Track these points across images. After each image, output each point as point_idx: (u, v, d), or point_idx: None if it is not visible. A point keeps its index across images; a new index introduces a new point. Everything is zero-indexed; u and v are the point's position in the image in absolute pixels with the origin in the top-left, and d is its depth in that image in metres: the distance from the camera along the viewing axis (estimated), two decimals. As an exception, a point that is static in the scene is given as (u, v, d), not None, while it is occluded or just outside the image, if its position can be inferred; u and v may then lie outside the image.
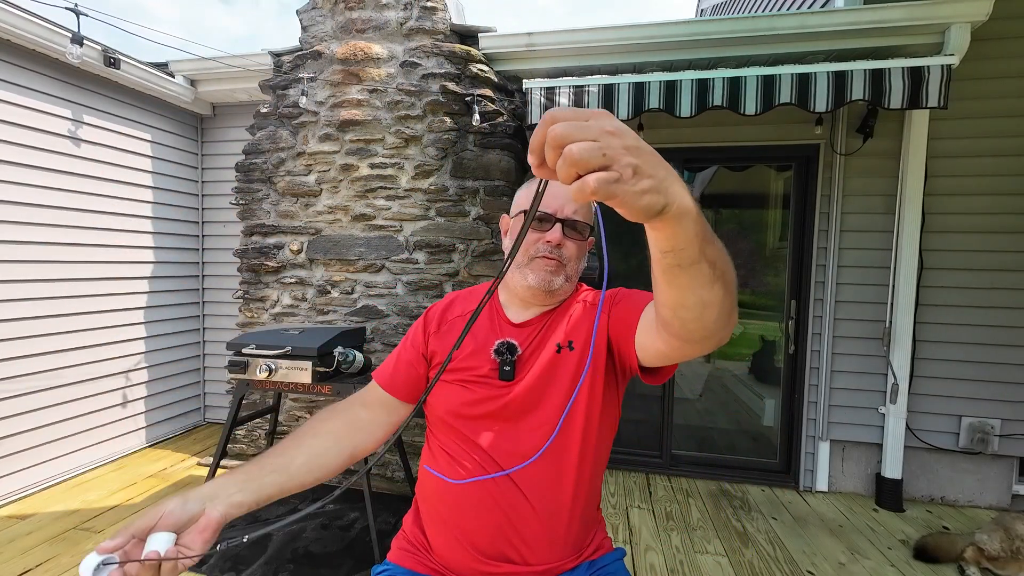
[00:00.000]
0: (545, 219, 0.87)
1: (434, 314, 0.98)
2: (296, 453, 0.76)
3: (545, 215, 0.87)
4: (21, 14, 2.28)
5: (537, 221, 0.88)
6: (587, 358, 0.86)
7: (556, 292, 0.90)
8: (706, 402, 3.24)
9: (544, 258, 0.87)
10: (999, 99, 2.46)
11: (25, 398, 2.44)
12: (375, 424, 0.89)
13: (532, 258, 0.88)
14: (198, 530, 0.59)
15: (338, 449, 0.81)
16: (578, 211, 0.89)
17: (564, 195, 0.88)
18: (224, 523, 0.62)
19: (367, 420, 0.89)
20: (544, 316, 0.92)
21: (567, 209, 0.88)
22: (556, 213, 0.87)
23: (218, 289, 3.46)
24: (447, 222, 2.57)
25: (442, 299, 1.02)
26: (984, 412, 2.52)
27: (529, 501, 0.82)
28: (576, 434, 0.84)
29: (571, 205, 0.88)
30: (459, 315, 0.96)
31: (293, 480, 0.73)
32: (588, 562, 0.89)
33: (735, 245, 3.14)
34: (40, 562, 1.91)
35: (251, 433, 2.88)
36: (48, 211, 2.53)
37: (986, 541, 1.91)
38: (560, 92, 2.31)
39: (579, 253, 0.90)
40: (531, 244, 0.88)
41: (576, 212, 0.88)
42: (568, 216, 0.87)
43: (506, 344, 0.88)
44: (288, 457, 0.75)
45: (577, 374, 0.85)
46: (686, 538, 2.21)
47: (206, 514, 0.61)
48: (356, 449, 0.84)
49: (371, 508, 1.94)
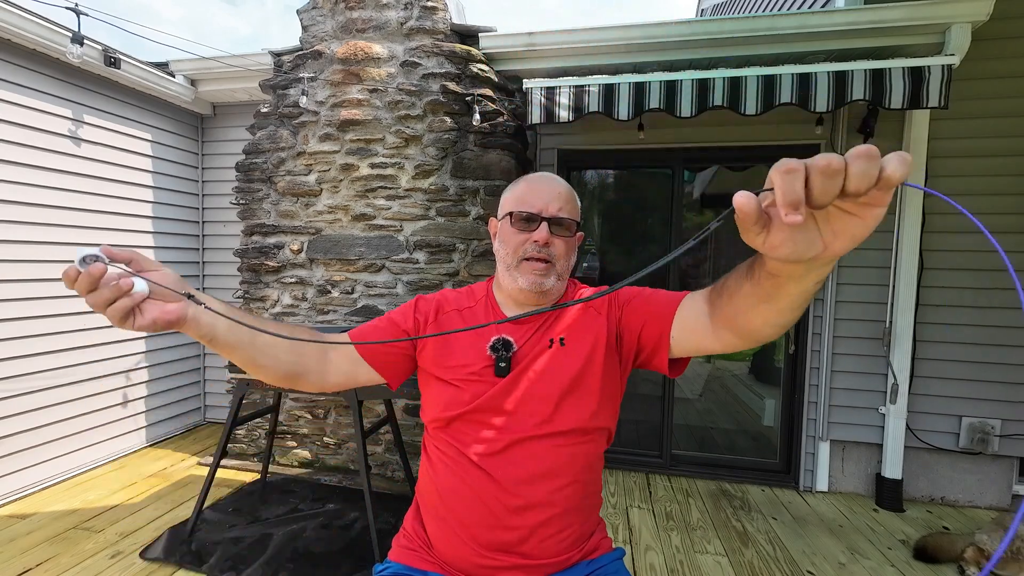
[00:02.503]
0: (531, 219, 0.87)
1: (428, 307, 0.96)
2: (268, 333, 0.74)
3: (530, 215, 0.87)
4: (22, 14, 2.28)
5: (523, 221, 0.87)
6: (584, 353, 0.86)
7: (548, 292, 0.90)
8: (706, 402, 3.24)
9: (532, 260, 0.87)
10: (1000, 99, 2.45)
11: (25, 398, 2.44)
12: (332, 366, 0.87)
13: (521, 260, 0.88)
14: (166, 307, 0.62)
15: (291, 354, 0.79)
16: (563, 208, 0.88)
17: (548, 193, 0.88)
18: (184, 320, 0.63)
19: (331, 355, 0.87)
20: (543, 314, 0.92)
21: (552, 207, 0.87)
22: (541, 212, 0.87)
23: (218, 289, 3.46)
24: (447, 222, 2.57)
25: (432, 294, 1.00)
26: (984, 412, 2.52)
27: (525, 495, 0.82)
28: (571, 429, 0.84)
29: (556, 203, 0.88)
30: (454, 309, 0.96)
31: (253, 347, 0.73)
32: (586, 561, 0.89)
33: (735, 246, 3.15)
34: (40, 561, 1.91)
35: (251, 433, 2.88)
36: (48, 211, 2.54)
37: (986, 541, 1.91)
38: (560, 92, 2.31)
39: (568, 250, 0.90)
40: (519, 245, 0.88)
41: (561, 210, 0.88)
42: (554, 214, 0.87)
43: (501, 340, 0.88)
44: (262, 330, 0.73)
45: (572, 369, 0.85)
46: (686, 538, 2.21)
47: (181, 303, 0.63)
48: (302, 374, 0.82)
49: (371, 508, 1.94)
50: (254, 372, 0.77)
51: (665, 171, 2.95)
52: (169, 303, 0.62)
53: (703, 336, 0.75)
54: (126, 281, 0.58)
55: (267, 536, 2.11)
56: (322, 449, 2.78)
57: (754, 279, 0.57)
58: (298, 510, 2.34)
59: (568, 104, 2.31)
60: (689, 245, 0.47)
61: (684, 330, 0.79)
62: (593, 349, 0.87)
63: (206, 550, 1.99)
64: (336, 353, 0.88)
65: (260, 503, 2.39)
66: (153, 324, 0.60)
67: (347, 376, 0.89)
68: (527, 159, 2.87)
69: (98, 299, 0.57)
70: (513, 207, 0.90)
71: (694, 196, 3.14)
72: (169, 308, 0.62)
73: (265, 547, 2.03)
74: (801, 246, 0.44)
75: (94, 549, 2.00)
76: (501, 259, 0.92)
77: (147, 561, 1.92)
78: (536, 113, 2.33)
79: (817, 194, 0.39)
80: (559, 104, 2.31)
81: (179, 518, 2.24)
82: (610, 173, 3.17)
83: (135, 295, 0.59)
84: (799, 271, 0.49)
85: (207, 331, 0.67)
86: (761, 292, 0.57)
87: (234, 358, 0.73)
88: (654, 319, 0.84)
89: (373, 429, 2.18)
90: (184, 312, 0.63)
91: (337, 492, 2.52)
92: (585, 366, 0.86)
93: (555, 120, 2.31)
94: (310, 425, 2.77)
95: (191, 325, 0.65)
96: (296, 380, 0.82)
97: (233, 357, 0.73)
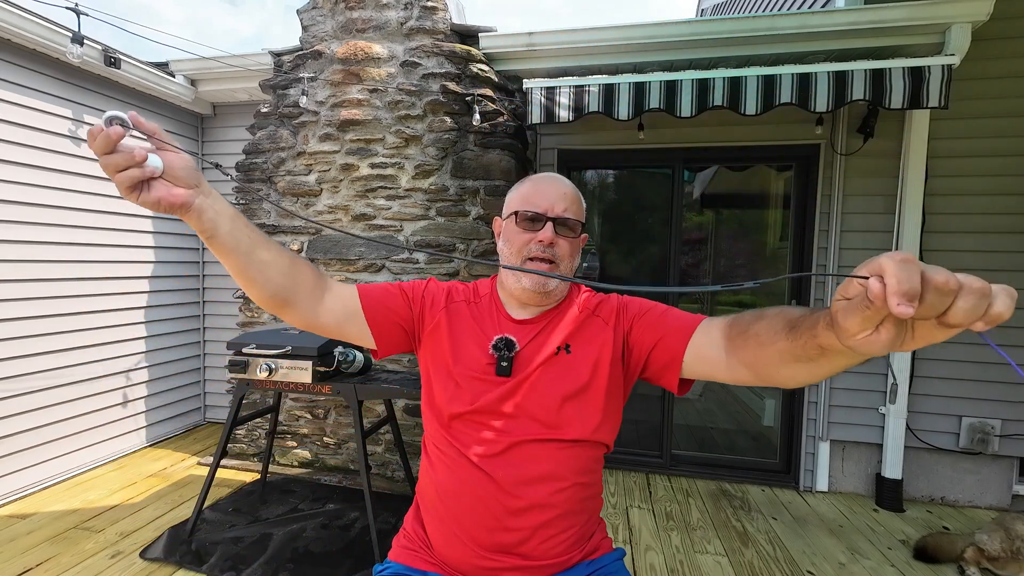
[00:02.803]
0: (536, 219, 0.87)
1: (439, 291, 0.96)
2: (269, 252, 0.75)
3: (535, 215, 0.87)
4: (22, 14, 2.28)
5: (528, 221, 0.87)
6: (591, 364, 0.86)
7: (552, 293, 0.90)
8: (706, 402, 3.24)
9: (537, 259, 0.87)
10: (1000, 99, 2.45)
11: (25, 398, 2.44)
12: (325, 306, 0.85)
13: (525, 259, 0.87)
14: (174, 190, 0.63)
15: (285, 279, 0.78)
16: (568, 209, 0.88)
17: (554, 193, 0.88)
18: (188, 208, 0.64)
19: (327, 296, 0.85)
20: (544, 316, 0.92)
21: (557, 207, 0.87)
22: (546, 212, 0.87)
23: (218, 289, 3.46)
24: (447, 222, 2.57)
25: (443, 282, 1.00)
26: (984, 412, 2.52)
27: (525, 496, 0.82)
28: (573, 440, 0.84)
29: (561, 203, 0.88)
30: (463, 300, 0.95)
31: (248, 258, 0.72)
32: (587, 561, 0.89)
33: (736, 245, 3.15)
34: (40, 561, 1.91)
35: (251, 433, 2.88)
36: (48, 211, 2.53)
37: (986, 541, 1.91)
38: (560, 92, 2.31)
39: (572, 251, 0.90)
40: (523, 245, 0.87)
41: (567, 210, 0.88)
42: (559, 215, 0.87)
43: (504, 340, 0.88)
44: (264, 247, 0.75)
45: (577, 380, 0.85)
46: (686, 538, 2.21)
47: (190, 191, 0.64)
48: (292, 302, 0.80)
49: (371, 508, 1.94)
50: (244, 284, 0.75)
51: (665, 171, 2.95)
52: (178, 188, 0.63)
53: (715, 366, 0.76)
54: (140, 152, 0.59)
55: (267, 536, 2.11)
56: (322, 449, 2.78)
57: (798, 342, 0.56)
58: (298, 510, 2.34)
59: (568, 104, 2.30)
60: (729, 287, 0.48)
61: (697, 357, 0.79)
62: (599, 360, 0.86)
63: (206, 550, 1.99)
64: (332, 296, 0.86)
65: (260, 503, 2.39)
66: (157, 203, 0.62)
67: (337, 322, 0.86)
68: (527, 159, 2.87)
69: (110, 162, 0.58)
70: (518, 206, 0.90)
71: (694, 196, 3.14)
72: (176, 192, 0.63)
73: (265, 547, 2.03)
74: (888, 345, 0.43)
75: (94, 549, 2.00)
76: (505, 258, 0.92)
77: (147, 561, 1.92)
78: (536, 113, 2.33)
79: (923, 309, 0.38)
80: (559, 104, 2.31)
81: (179, 518, 2.24)
82: (610, 173, 3.17)
83: (146, 168, 0.60)
84: (859, 356, 0.50)
85: (208, 227, 0.67)
86: (802, 355, 0.56)
87: (227, 263, 0.73)
88: (667, 340, 0.83)
89: (373, 429, 2.18)
90: (190, 200, 0.64)
91: (337, 492, 2.52)
92: (591, 378, 0.85)
93: (555, 120, 2.31)
94: (310, 425, 2.77)
95: (194, 215, 0.65)
96: (284, 306, 0.80)
97: (227, 262, 0.72)
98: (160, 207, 0.62)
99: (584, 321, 0.90)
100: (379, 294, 0.91)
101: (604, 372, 0.86)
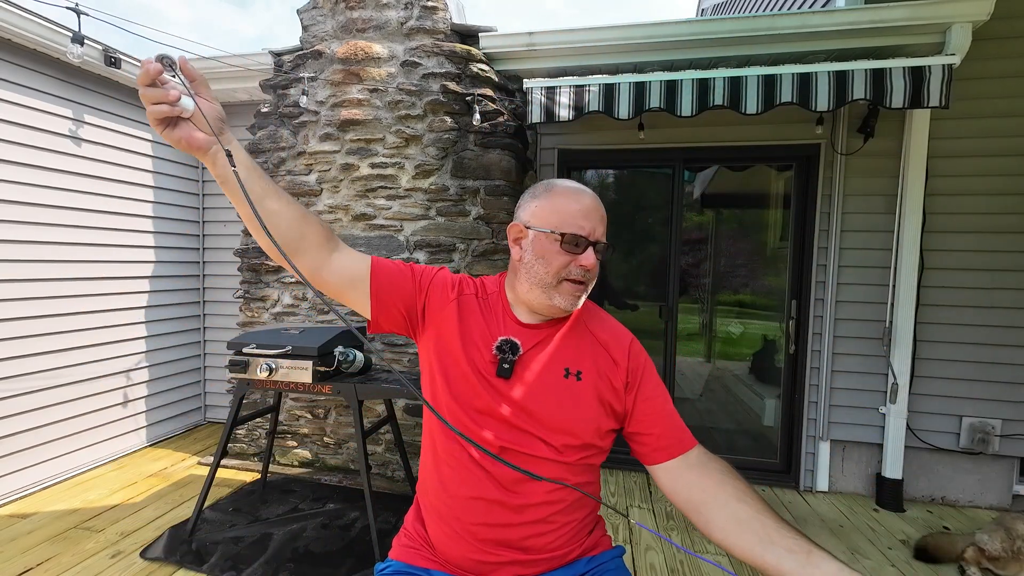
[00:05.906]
0: (579, 242, 0.85)
1: (445, 282, 0.95)
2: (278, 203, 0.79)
3: (579, 238, 0.84)
4: (22, 14, 2.28)
5: (571, 244, 0.84)
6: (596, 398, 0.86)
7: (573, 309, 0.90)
8: (706, 402, 3.24)
9: (574, 282, 0.86)
10: (1000, 99, 2.45)
11: (25, 398, 2.44)
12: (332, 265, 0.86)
13: (562, 280, 0.86)
14: (196, 132, 0.71)
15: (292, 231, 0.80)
16: (604, 232, 0.89)
17: (596, 215, 0.87)
18: (206, 151, 0.72)
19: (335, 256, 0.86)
20: (550, 324, 0.91)
21: (598, 231, 0.87)
22: (589, 236, 0.85)
23: (219, 288, 3.46)
24: (447, 222, 2.57)
25: (455, 274, 0.99)
26: (985, 412, 2.52)
27: (525, 493, 0.83)
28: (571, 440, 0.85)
29: (601, 226, 0.87)
30: (472, 294, 0.95)
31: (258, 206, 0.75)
32: (587, 558, 0.89)
33: (736, 245, 3.15)
34: (40, 561, 1.91)
35: (251, 432, 2.88)
36: (49, 211, 2.54)
37: (987, 541, 1.91)
38: (561, 91, 2.31)
39: (597, 271, 0.90)
40: (563, 267, 0.85)
41: (604, 234, 0.88)
42: (599, 239, 0.87)
43: (509, 343, 0.87)
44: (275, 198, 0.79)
45: (581, 403, 0.85)
46: (686, 538, 2.21)
47: (210, 138, 0.72)
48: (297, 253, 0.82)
49: (371, 507, 1.94)
50: (253, 230, 0.78)
51: (665, 171, 2.95)
52: (199, 132, 0.71)
53: (666, 491, 0.85)
54: (174, 92, 0.67)
55: (267, 536, 2.11)
56: (322, 449, 2.78)
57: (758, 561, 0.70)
58: (298, 510, 2.34)
59: (568, 104, 2.30)
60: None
61: (662, 470, 0.85)
62: (602, 398, 0.87)
63: (206, 550, 2.00)
64: (342, 257, 0.87)
65: (260, 503, 2.39)
66: (178, 141, 0.70)
67: (340, 284, 0.87)
68: (527, 159, 2.87)
69: (146, 95, 0.66)
70: (561, 227, 0.85)
71: (694, 196, 3.14)
72: (197, 135, 0.71)
73: (265, 547, 2.04)
74: None
75: (95, 549, 2.00)
76: (534, 274, 0.87)
77: (147, 561, 1.92)
78: (536, 113, 2.33)
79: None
80: (559, 104, 2.31)
81: (179, 518, 2.24)
82: (610, 173, 3.17)
83: (176, 107, 0.67)
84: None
85: (221, 172, 0.73)
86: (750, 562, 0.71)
87: (238, 207, 0.77)
88: (649, 439, 0.87)
89: (373, 429, 2.19)
90: (208, 145, 0.71)
91: (337, 492, 2.52)
92: (596, 414, 0.86)
93: (555, 120, 2.31)
94: (310, 425, 2.77)
95: (210, 159, 0.73)
96: (291, 256, 0.81)
97: (238, 207, 0.77)
98: (181, 144, 0.70)
99: (595, 353, 0.90)
100: (391, 270, 0.91)
101: (605, 415, 0.87)
